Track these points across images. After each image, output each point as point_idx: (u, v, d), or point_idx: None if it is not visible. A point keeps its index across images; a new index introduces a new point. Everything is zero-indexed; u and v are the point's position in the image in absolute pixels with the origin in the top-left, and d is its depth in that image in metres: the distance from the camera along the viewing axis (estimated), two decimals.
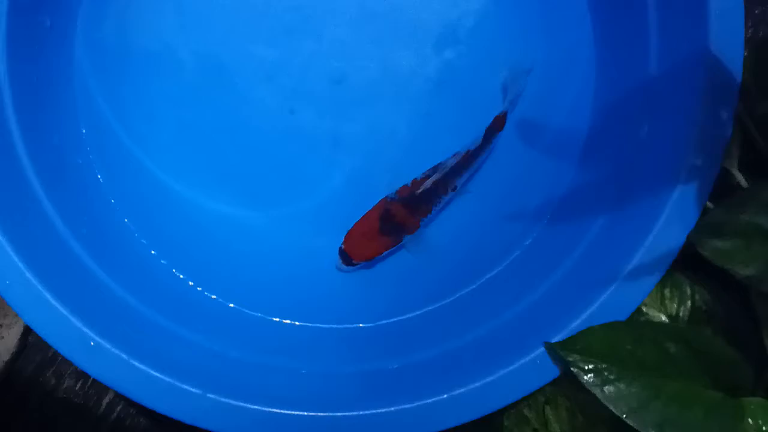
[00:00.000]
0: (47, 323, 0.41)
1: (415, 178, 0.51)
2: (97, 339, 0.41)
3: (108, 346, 0.41)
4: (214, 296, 0.51)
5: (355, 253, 0.51)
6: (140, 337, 0.44)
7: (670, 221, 0.42)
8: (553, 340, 0.41)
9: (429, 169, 0.52)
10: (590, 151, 0.53)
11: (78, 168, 0.51)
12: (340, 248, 0.51)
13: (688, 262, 0.44)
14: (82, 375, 0.58)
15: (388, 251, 0.52)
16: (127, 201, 0.53)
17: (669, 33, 0.46)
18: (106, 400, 0.58)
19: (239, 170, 0.55)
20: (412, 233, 0.52)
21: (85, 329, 0.41)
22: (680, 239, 0.42)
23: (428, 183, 0.50)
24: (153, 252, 0.52)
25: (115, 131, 0.53)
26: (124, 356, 0.41)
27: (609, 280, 0.42)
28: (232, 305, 0.51)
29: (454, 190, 0.52)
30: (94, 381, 0.58)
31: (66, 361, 0.58)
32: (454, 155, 0.51)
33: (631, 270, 0.42)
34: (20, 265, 0.41)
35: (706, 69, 0.43)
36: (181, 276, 0.52)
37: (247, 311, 0.51)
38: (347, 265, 0.51)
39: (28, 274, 0.41)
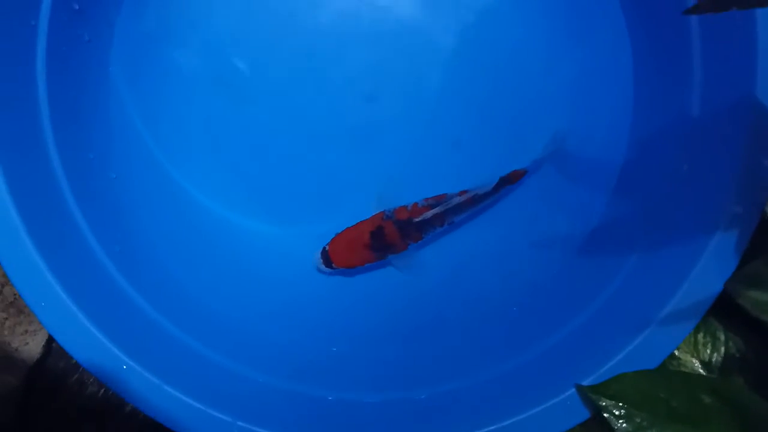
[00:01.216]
0: (80, 344, 0.41)
1: (416, 203, 0.51)
2: (130, 362, 0.41)
3: (140, 369, 0.41)
4: (242, 318, 0.51)
5: (337, 259, 0.51)
6: (171, 360, 0.44)
7: (708, 268, 0.42)
8: (584, 383, 0.41)
9: (432, 198, 0.51)
10: (624, 185, 0.52)
11: (111, 183, 0.51)
12: (324, 249, 0.51)
13: (720, 307, 0.43)
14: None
15: (370, 264, 0.52)
16: (157, 217, 0.53)
17: (714, 73, 0.46)
18: (128, 407, 0.59)
19: (269, 188, 0.56)
20: (398, 253, 0.52)
21: (118, 352, 0.41)
22: (717, 287, 0.42)
23: (428, 214, 0.50)
24: (183, 273, 0.52)
25: (147, 146, 0.54)
26: (156, 381, 0.41)
27: (642, 325, 0.42)
28: (260, 327, 0.51)
29: (450, 224, 0.52)
30: None
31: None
32: (460, 192, 0.51)
33: (666, 315, 0.42)
34: (55, 285, 0.41)
35: (751, 114, 0.42)
36: (209, 297, 0.52)
37: (275, 333, 0.51)
38: (326, 267, 0.52)
39: (63, 295, 0.41)
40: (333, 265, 0.51)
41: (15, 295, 0.58)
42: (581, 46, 0.55)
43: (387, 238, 0.51)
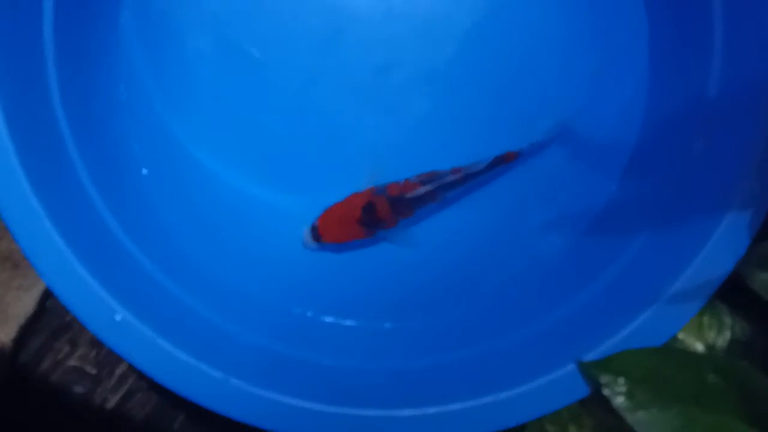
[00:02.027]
0: (72, 290, 0.40)
1: (408, 179, 0.51)
2: (124, 312, 0.40)
3: (133, 320, 0.40)
4: (240, 282, 0.50)
5: (326, 234, 0.51)
6: (165, 314, 0.43)
7: (718, 248, 0.41)
8: (586, 359, 0.40)
9: (424, 175, 0.51)
10: (637, 163, 0.51)
11: (115, 137, 0.50)
12: (313, 224, 0.51)
13: (728, 290, 0.42)
14: (97, 344, 0.58)
15: (359, 240, 0.52)
16: (160, 174, 0.52)
17: (734, 52, 0.45)
18: (119, 371, 0.58)
19: (273, 153, 0.55)
20: (388, 228, 0.51)
21: (112, 300, 0.40)
22: (727, 267, 0.41)
23: (420, 190, 0.50)
24: (182, 229, 0.51)
25: (153, 101, 0.53)
26: (149, 333, 0.40)
27: (648, 302, 0.41)
28: (257, 292, 0.50)
29: (442, 200, 0.52)
30: (109, 351, 0.57)
31: (82, 328, 0.58)
32: (453, 170, 0.51)
33: (673, 294, 0.41)
34: (52, 231, 0.40)
35: None
36: (209, 257, 0.51)
37: (270, 299, 0.50)
38: (315, 241, 0.51)
39: (58, 240, 0.40)
40: (321, 240, 0.51)
41: (11, 249, 0.57)
42: (598, 23, 0.54)
43: (378, 213, 0.50)
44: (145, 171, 0.52)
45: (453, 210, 0.54)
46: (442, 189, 0.51)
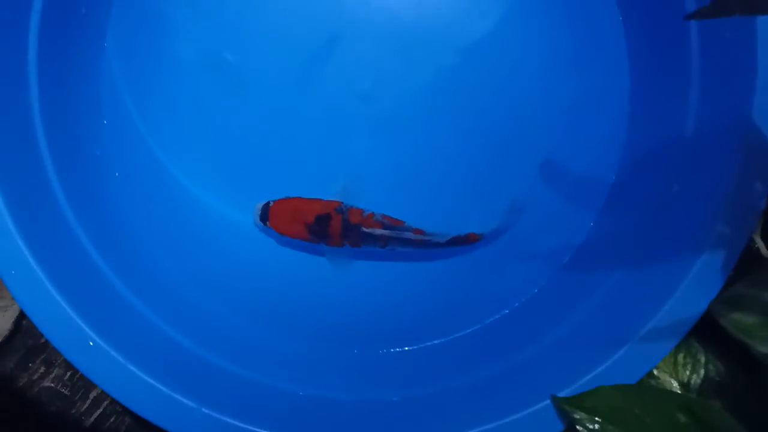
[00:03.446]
0: (47, 316, 0.40)
1: (373, 214, 0.51)
2: (96, 339, 0.40)
3: (106, 347, 0.40)
4: (216, 304, 0.50)
5: (274, 220, 0.51)
6: (138, 341, 0.43)
7: (692, 288, 0.41)
8: (561, 394, 0.40)
9: (389, 218, 0.51)
10: (614, 202, 0.52)
11: (96, 160, 0.50)
12: (267, 204, 0.51)
13: (702, 329, 0.43)
14: (72, 366, 0.57)
15: (300, 241, 0.52)
16: (140, 198, 0.52)
17: (710, 94, 0.46)
18: (93, 393, 0.57)
19: (255, 180, 0.55)
20: (331, 247, 0.52)
21: (85, 327, 0.40)
22: (701, 307, 0.41)
23: (376, 231, 0.50)
24: (160, 252, 0.51)
25: (136, 126, 0.53)
26: (121, 359, 0.40)
27: (622, 340, 0.41)
28: (233, 316, 0.50)
29: (391, 250, 0.52)
30: None
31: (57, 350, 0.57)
32: (415, 230, 0.50)
33: (647, 332, 0.41)
34: (26, 253, 0.40)
35: (745, 137, 0.42)
36: (184, 279, 0.51)
37: (251, 325, 0.50)
38: (261, 221, 0.51)
39: (33, 264, 0.40)
40: (267, 223, 0.51)
41: None
42: (580, 64, 0.54)
43: (329, 229, 0.51)
44: (123, 191, 0.52)
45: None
46: (396, 241, 0.50)
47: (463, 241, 0.51)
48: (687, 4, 0.46)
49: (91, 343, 0.40)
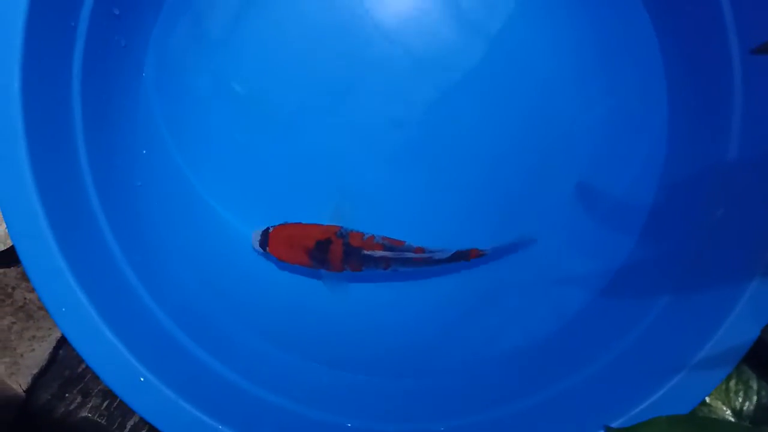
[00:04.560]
0: (99, 353, 0.40)
1: (374, 236, 0.51)
2: (148, 375, 0.40)
3: (157, 383, 0.40)
4: (257, 338, 0.50)
5: (273, 247, 0.51)
6: (186, 374, 0.43)
7: (744, 314, 0.41)
8: (613, 425, 0.40)
9: (390, 240, 0.51)
10: (656, 222, 0.52)
11: (136, 191, 0.50)
12: (267, 230, 0.51)
13: (754, 355, 0.42)
14: (109, 394, 0.57)
15: (300, 266, 0.52)
16: (178, 228, 0.52)
17: (754, 118, 0.45)
18: (130, 422, 0.57)
19: (289, 206, 0.55)
20: (332, 271, 0.51)
21: (136, 363, 0.40)
22: (753, 334, 0.41)
23: (377, 253, 0.50)
24: (199, 287, 0.51)
25: (172, 156, 0.53)
26: (172, 395, 0.40)
27: (675, 369, 0.41)
28: (274, 348, 0.50)
29: (393, 271, 0.51)
30: (121, 402, 0.56)
31: (94, 379, 0.57)
32: (416, 248, 0.50)
33: (700, 360, 0.41)
34: (77, 291, 0.40)
35: None
36: (224, 313, 0.51)
37: (292, 357, 0.50)
38: (260, 246, 0.51)
39: (84, 302, 0.40)
40: (266, 249, 0.51)
41: (25, 299, 0.57)
42: (616, 86, 0.54)
43: (329, 254, 0.50)
44: (163, 224, 0.52)
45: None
46: (398, 261, 0.50)
47: (465, 257, 0.51)
48: (727, 27, 0.46)
49: (142, 379, 0.40)
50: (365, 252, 0.50)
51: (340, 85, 0.55)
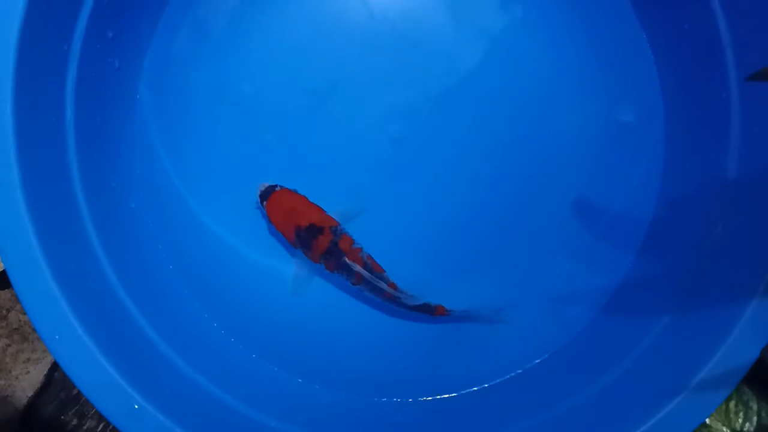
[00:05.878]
0: (92, 381, 0.40)
1: (361, 249, 0.50)
2: (142, 402, 0.39)
3: (153, 410, 0.39)
4: (259, 361, 0.50)
5: (270, 207, 0.50)
6: (183, 401, 0.42)
7: (744, 334, 0.40)
8: None
9: (373, 261, 0.50)
10: (654, 240, 0.51)
11: (131, 213, 0.49)
12: (273, 188, 0.51)
13: (753, 375, 0.42)
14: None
15: (284, 239, 0.52)
16: (175, 250, 0.52)
17: (752, 135, 0.45)
18: None
19: None
20: (308, 258, 0.51)
21: (131, 390, 0.39)
22: (753, 355, 0.40)
23: (355, 267, 0.49)
24: (199, 308, 0.50)
25: (169, 176, 0.53)
26: (168, 423, 0.39)
27: (674, 390, 0.41)
28: (275, 369, 0.50)
29: (359, 290, 0.51)
30: None
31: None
32: (390, 282, 0.50)
33: (699, 382, 0.40)
34: (71, 317, 0.40)
35: None
36: (224, 335, 0.50)
37: (292, 380, 0.49)
38: (261, 201, 0.51)
39: (78, 328, 0.40)
40: (263, 205, 0.51)
41: (20, 321, 0.56)
42: (614, 104, 0.54)
43: (315, 242, 0.50)
44: (160, 246, 0.51)
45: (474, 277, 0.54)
46: (368, 285, 0.50)
47: (428, 311, 0.50)
48: (724, 45, 0.46)
49: (136, 406, 0.39)
50: (345, 259, 0.49)
51: (340, 109, 0.55)
